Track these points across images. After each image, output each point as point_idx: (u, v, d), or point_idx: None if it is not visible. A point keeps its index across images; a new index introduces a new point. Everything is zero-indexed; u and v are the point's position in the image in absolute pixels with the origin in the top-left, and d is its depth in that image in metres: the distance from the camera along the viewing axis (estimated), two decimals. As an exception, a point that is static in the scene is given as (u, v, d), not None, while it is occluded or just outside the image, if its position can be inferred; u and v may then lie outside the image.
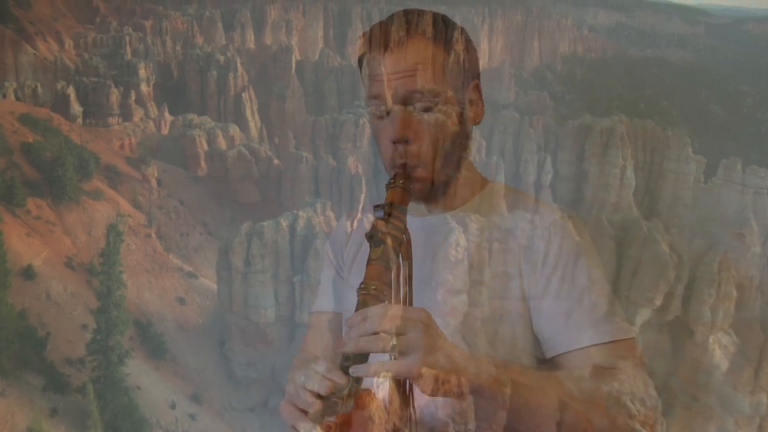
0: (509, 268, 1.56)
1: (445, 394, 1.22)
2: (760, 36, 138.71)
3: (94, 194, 49.79)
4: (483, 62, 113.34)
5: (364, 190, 50.15)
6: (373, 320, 1.19)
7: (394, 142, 1.47)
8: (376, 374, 1.18)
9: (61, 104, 61.96)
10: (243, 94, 74.54)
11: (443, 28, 1.48)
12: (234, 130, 66.03)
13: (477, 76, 1.58)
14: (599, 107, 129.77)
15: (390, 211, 1.35)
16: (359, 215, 1.74)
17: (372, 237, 1.31)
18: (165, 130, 68.07)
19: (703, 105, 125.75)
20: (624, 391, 1.36)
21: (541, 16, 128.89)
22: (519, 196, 1.64)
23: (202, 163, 62.54)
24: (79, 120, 61.23)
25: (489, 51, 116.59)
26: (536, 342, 1.54)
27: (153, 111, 69.67)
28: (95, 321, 38.89)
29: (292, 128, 76.47)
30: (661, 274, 37.07)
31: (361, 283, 1.26)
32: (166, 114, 68.13)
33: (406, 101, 1.45)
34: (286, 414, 1.23)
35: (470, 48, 1.54)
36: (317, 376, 1.20)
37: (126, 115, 65.05)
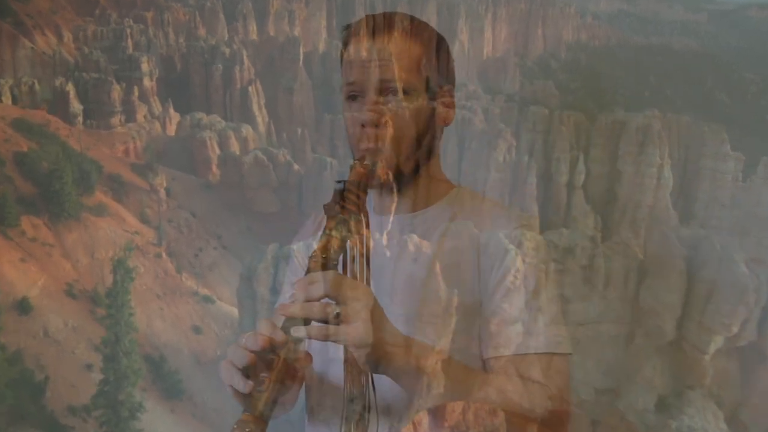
0: (464, 274, 1.51)
1: (383, 371, 1.25)
2: (762, 22, 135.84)
3: (96, 210, 43.80)
4: (487, 51, 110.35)
5: (396, 199, 44.57)
6: (319, 285, 1.19)
7: (363, 126, 1.46)
8: (317, 337, 1.18)
9: (59, 102, 56.69)
10: (249, 88, 69.60)
11: (424, 32, 1.51)
12: (247, 130, 60.14)
13: (451, 82, 1.59)
14: (604, 96, 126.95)
15: (350, 187, 1.33)
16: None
17: (329, 210, 1.30)
18: (171, 130, 62.27)
19: (709, 92, 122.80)
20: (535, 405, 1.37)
21: (544, 3, 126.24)
22: (483, 201, 1.60)
23: (214, 168, 56.81)
24: (80, 119, 55.76)
25: (493, 40, 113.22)
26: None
27: (157, 107, 64.50)
28: (102, 367, 33.01)
29: (301, 122, 71.82)
30: (740, 298, 32.44)
31: (313, 252, 1.26)
32: (171, 111, 62.69)
33: (379, 88, 1.45)
34: (223, 373, 1.22)
35: (447, 56, 1.56)
36: (255, 334, 1.21)
37: (129, 112, 59.64)
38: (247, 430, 1.12)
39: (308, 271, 1.24)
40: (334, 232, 1.28)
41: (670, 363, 32.85)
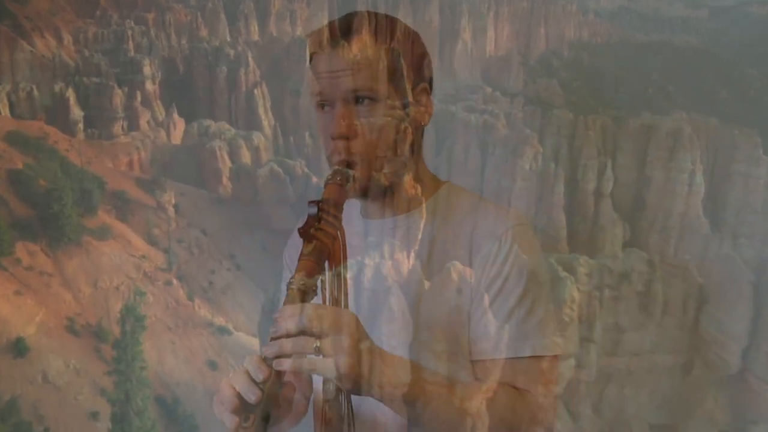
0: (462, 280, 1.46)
1: (374, 396, 1.22)
2: (764, 18, 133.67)
3: (99, 232, 38.22)
4: (489, 50, 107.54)
5: (424, 215, 41.17)
6: (296, 319, 1.15)
7: (333, 139, 1.40)
8: (298, 370, 1.16)
9: (59, 108, 52.90)
10: (255, 91, 66.04)
11: (390, 31, 1.42)
12: (258, 139, 55.31)
13: (426, 80, 1.49)
14: (607, 93, 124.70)
15: (325, 207, 1.28)
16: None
17: (304, 233, 1.25)
18: (176, 137, 57.72)
19: (710, 90, 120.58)
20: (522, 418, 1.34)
21: (546, 1, 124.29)
22: (474, 199, 1.53)
23: (225, 180, 52.05)
24: (80, 126, 51.91)
25: (495, 38, 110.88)
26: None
27: (160, 112, 60.76)
28: (111, 428, 27.49)
29: (308, 126, 68.43)
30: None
31: (291, 278, 1.22)
32: (175, 116, 58.70)
33: (347, 98, 1.37)
34: (215, 408, 1.21)
35: (419, 52, 1.47)
36: (239, 372, 1.18)
37: (131, 118, 55.66)
38: None
39: (287, 298, 1.18)
40: (311, 257, 1.21)
41: (732, 396, 29.57)
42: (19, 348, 31.49)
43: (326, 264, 1.25)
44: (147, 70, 62.97)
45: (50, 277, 35.30)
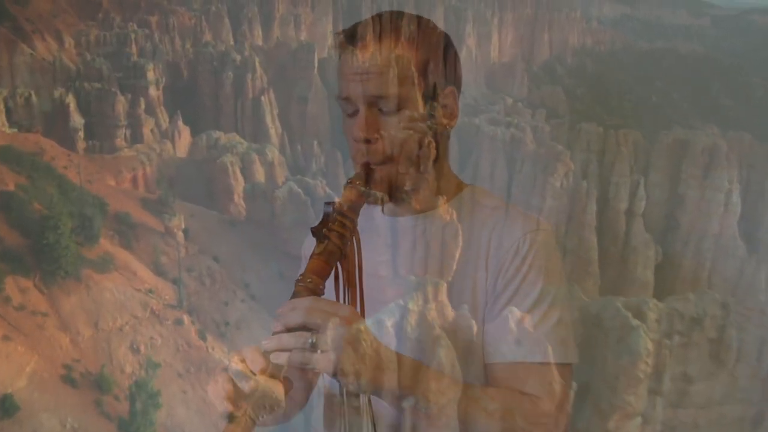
0: (478, 272, 1.42)
1: (374, 394, 1.20)
2: (765, 27, 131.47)
3: (100, 264, 32.50)
4: (494, 56, 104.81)
5: (445, 215, 37.73)
6: (297, 313, 1.15)
7: (356, 141, 1.39)
8: (294, 365, 1.15)
9: (59, 115, 49.09)
10: (262, 98, 62.36)
11: (418, 32, 1.38)
12: (272, 153, 50.55)
13: (454, 83, 1.45)
14: (611, 100, 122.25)
15: (340, 208, 1.27)
16: None
17: (317, 232, 1.25)
18: (183, 149, 53.19)
19: (715, 97, 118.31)
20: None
21: (550, 8, 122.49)
22: (498, 202, 1.48)
23: (237, 199, 47.23)
24: (80, 134, 47.97)
25: (499, 44, 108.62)
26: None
27: (164, 119, 56.95)
28: None
29: (315, 134, 64.95)
30: None
31: (300, 275, 1.22)
32: (180, 124, 54.81)
33: (371, 102, 1.36)
34: (210, 391, 1.20)
35: (448, 54, 1.43)
36: (237, 359, 1.17)
37: (134, 126, 51.72)
38: None
39: (294, 294, 1.19)
40: (322, 257, 1.21)
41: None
42: (6, 406, 25.62)
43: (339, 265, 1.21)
44: (150, 75, 59.31)
45: (44, 317, 29.70)
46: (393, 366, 1.17)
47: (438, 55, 1.37)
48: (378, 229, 1.45)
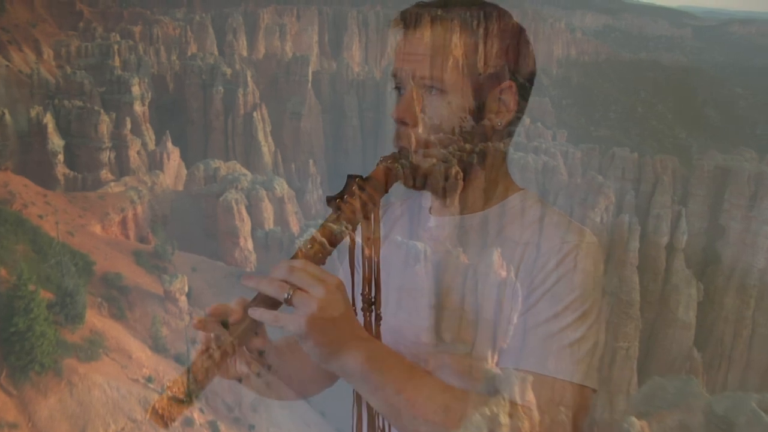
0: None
1: (335, 369, 1.14)
2: (745, 38, 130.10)
3: (86, 350, 24.32)
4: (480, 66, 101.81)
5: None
6: (283, 268, 1.10)
7: (396, 122, 1.31)
8: (262, 320, 1.10)
9: (36, 137, 43.05)
10: (254, 114, 56.94)
11: (481, 20, 1.26)
12: (281, 186, 43.36)
13: (516, 77, 1.29)
14: (597, 111, 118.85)
15: (362, 183, 1.20)
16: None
17: (330, 201, 1.19)
18: (173, 172, 46.92)
19: (699, 107, 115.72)
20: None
21: (536, 18, 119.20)
22: (547, 209, 1.33)
23: (243, 242, 39.92)
24: (59, 159, 41.82)
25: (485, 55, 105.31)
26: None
27: (150, 138, 51.08)
28: None
29: (310, 151, 59.69)
30: None
31: (308, 238, 1.18)
32: (169, 145, 48.77)
33: (417, 84, 1.26)
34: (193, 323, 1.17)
35: (516, 48, 1.29)
36: (217, 305, 1.16)
37: (119, 148, 45.56)
38: (175, 389, 1.08)
39: (295, 255, 1.14)
40: (333, 225, 1.15)
41: None
42: None
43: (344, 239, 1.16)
44: (136, 89, 53.55)
45: (13, 430, 21.33)
46: (363, 348, 1.10)
47: (499, 46, 1.21)
48: (423, 227, 1.33)
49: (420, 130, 1.24)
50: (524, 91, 1.26)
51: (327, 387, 1.47)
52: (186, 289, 30.47)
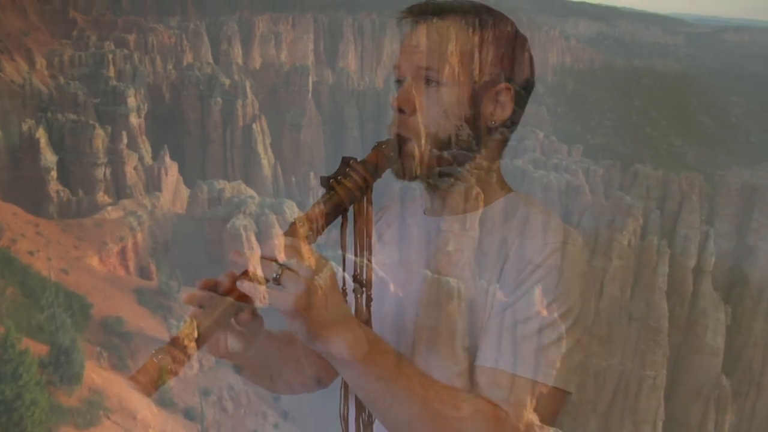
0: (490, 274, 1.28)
1: (319, 349, 1.12)
2: (738, 45, 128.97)
3: (84, 413, 20.68)
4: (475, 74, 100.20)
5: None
6: (272, 246, 1.09)
7: (394, 111, 1.32)
8: (251, 294, 1.09)
9: (27, 153, 40.38)
10: (253, 125, 54.51)
11: (483, 21, 1.28)
12: (291, 210, 39.96)
13: (512, 81, 1.30)
14: (592, 120, 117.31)
15: (355, 165, 1.19)
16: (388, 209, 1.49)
17: (324, 181, 1.19)
18: (171, 187, 44.45)
19: (693, 115, 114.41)
20: None
21: (531, 27, 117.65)
22: (534, 210, 1.31)
23: (253, 270, 37.36)
24: (53, 175, 39.14)
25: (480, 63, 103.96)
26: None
27: (147, 151, 48.54)
28: None
29: (311, 164, 57.31)
30: None
31: (299, 216, 1.17)
32: (167, 159, 46.19)
33: (416, 75, 1.28)
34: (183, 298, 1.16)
35: (513, 51, 1.31)
36: (209, 279, 1.14)
37: (115, 164, 42.99)
38: (160, 356, 1.05)
39: (287, 233, 1.12)
40: (322, 205, 1.15)
41: None
42: None
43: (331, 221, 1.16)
44: (131, 101, 51.00)
45: None
46: (349, 332, 1.08)
47: (496, 48, 1.23)
48: (417, 227, 1.34)
49: (417, 119, 1.22)
50: (520, 98, 1.25)
51: (316, 389, 1.42)
52: (195, 333, 27.37)
